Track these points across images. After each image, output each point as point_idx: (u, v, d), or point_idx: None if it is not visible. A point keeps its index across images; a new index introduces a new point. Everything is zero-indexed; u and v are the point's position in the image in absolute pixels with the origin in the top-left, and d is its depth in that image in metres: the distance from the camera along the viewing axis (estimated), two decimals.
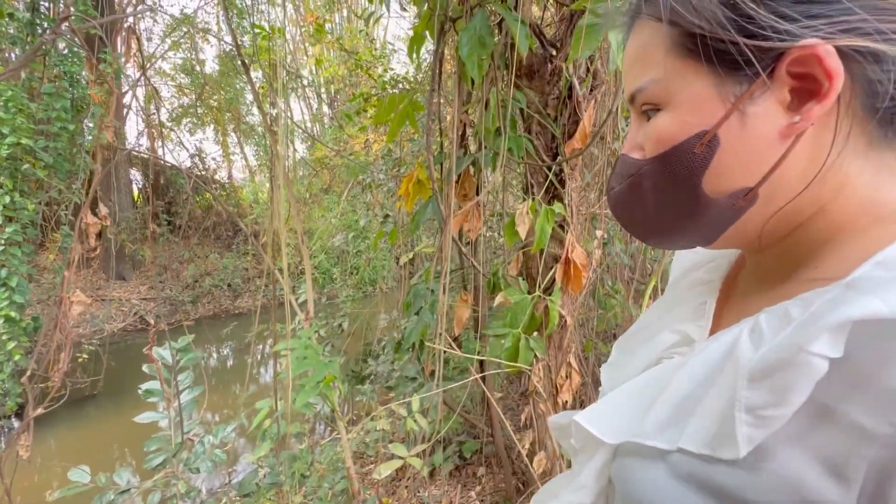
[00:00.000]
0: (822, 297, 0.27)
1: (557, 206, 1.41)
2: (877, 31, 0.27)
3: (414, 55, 1.56)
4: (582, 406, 2.38)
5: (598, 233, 1.80)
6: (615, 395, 0.40)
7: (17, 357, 3.68)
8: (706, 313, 0.40)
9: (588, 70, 1.58)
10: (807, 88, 0.29)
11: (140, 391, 1.78)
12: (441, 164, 1.69)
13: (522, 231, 1.38)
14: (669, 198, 0.35)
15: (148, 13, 7.91)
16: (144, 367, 1.80)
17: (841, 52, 0.27)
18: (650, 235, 0.39)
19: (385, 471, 1.28)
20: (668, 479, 0.31)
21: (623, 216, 0.40)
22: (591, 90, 1.58)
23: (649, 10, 0.34)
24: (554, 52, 1.59)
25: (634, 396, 0.38)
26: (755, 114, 0.30)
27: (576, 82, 1.55)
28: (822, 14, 0.28)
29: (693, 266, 0.49)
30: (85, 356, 4.86)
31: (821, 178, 0.30)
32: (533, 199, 1.46)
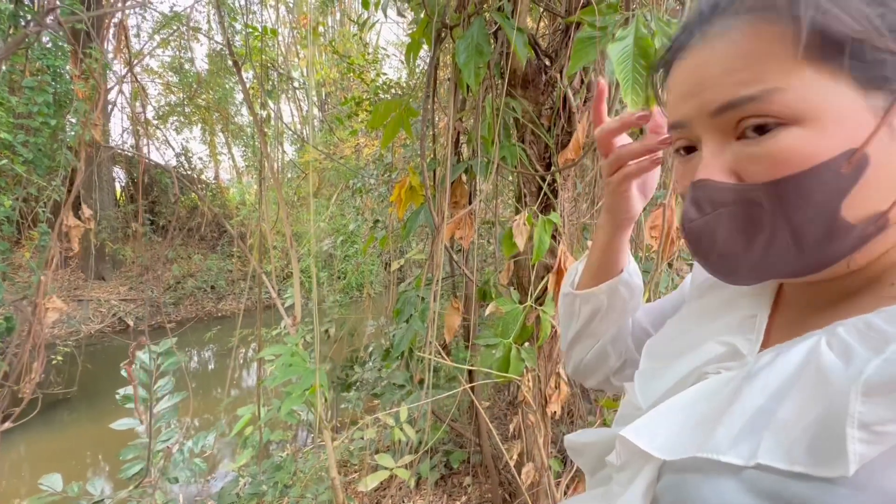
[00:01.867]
0: None
1: (554, 216, 1.41)
2: None
3: (409, 62, 1.56)
4: (570, 417, 2.38)
5: (590, 243, 1.81)
6: (662, 411, 0.36)
7: None
8: (757, 327, 0.37)
9: (582, 81, 1.59)
10: None
11: (118, 396, 1.72)
12: (434, 171, 1.68)
13: (520, 242, 1.37)
14: (794, 227, 0.30)
15: (137, 10, 7.80)
16: (123, 372, 1.74)
17: None
18: (746, 272, 0.34)
19: (371, 482, 1.25)
20: (742, 496, 0.28)
21: (709, 251, 0.35)
22: (585, 102, 1.59)
23: (754, 3, 0.30)
24: (548, 63, 1.60)
25: (687, 411, 0.35)
26: None
27: (570, 93, 1.56)
28: None
29: None
30: (60, 358, 4.72)
31: None
32: (528, 210, 1.46)
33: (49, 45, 5.39)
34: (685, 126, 0.35)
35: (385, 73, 4.57)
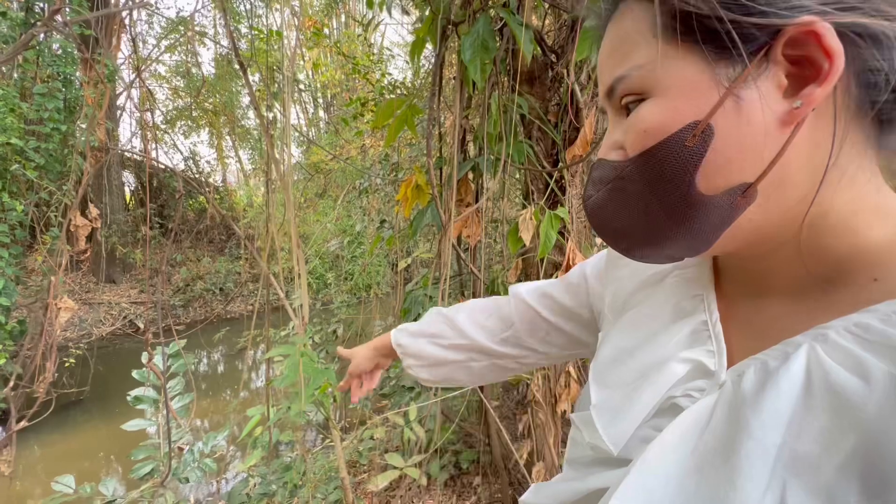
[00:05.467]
0: None
1: (561, 212, 1.40)
2: (878, 12, 0.25)
3: (413, 59, 1.55)
4: None
5: (598, 240, 1.79)
6: (651, 461, 0.31)
7: (1, 361, 3.60)
8: (714, 336, 0.35)
9: (589, 77, 1.58)
10: (803, 74, 0.27)
11: (129, 398, 1.73)
12: (440, 170, 1.68)
13: (526, 237, 1.36)
14: (658, 200, 0.31)
15: (144, 16, 7.89)
16: (134, 373, 1.75)
17: (840, 32, 0.26)
18: (636, 247, 0.35)
19: (382, 481, 1.24)
20: None
21: (604, 227, 0.36)
22: (593, 97, 1.58)
23: None
24: (555, 59, 1.59)
25: (680, 456, 0.30)
26: (751, 99, 0.27)
27: (577, 89, 1.54)
28: None
29: (654, 275, 0.44)
30: (72, 361, 4.77)
31: (829, 175, 0.28)
32: (535, 206, 1.44)
33: (59, 52, 5.46)
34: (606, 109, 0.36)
35: (390, 74, 4.58)
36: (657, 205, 0.31)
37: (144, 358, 1.69)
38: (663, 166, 0.30)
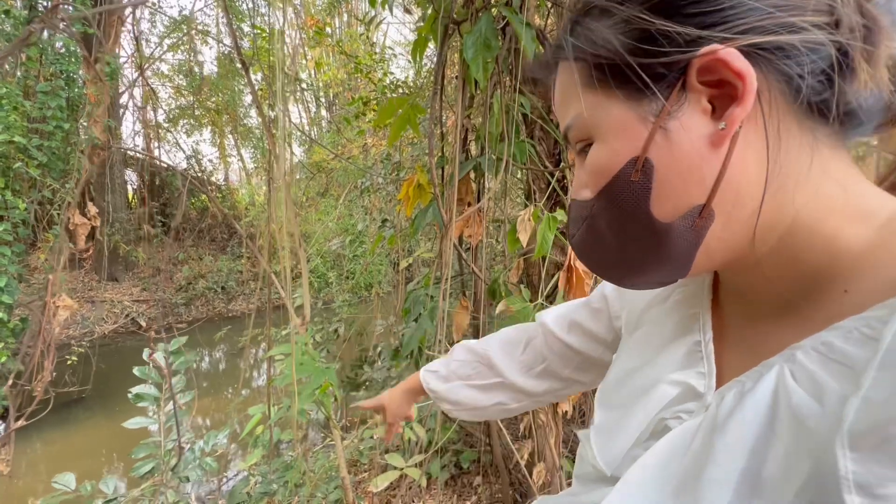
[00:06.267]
0: (885, 323, 0.23)
1: (560, 214, 1.39)
2: (781, 26, 0.27)
3: (416, 58, 1.55)
4: (582, 417, 2.35)
5: None
6: (632, 482, 0.33)
7: (3, 359, 3.61)
8: (706, 357, 0.35)
9: None
10: (725, 94, 0.28)
11: (130, 395, 1.73)
12: (442, 169, 1.67)
13: (524, 238, 1.36)
14: (625, 233, 0.33)
15: (146, 15, 7.90)
16: (135, 371, 1.75)
17: (747, 52, 0.27)
18: (624, 277, 0.36)
19: (382, 483, 1.24)
20: None
21: (591, 262, 0.38)
22: None
23: (561, 54, 0.35)
24: None
25: (659, 477, 0.31)
26: (678, 128, 0.29)
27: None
28: (717, 21, 0.28)
29: (660, 294, 0.44)
30: (74, 358, 4.79)
31: (779, 184, 0.29)
32: (535, 206, 1.44)
33: (62, 50, 5.47)
34: None
35: (392, 73, 4.57)
36: (626, 238, 0.33)
37: (146, 355, 1.69)
38: (619, 202, 0.32)
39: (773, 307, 0.32)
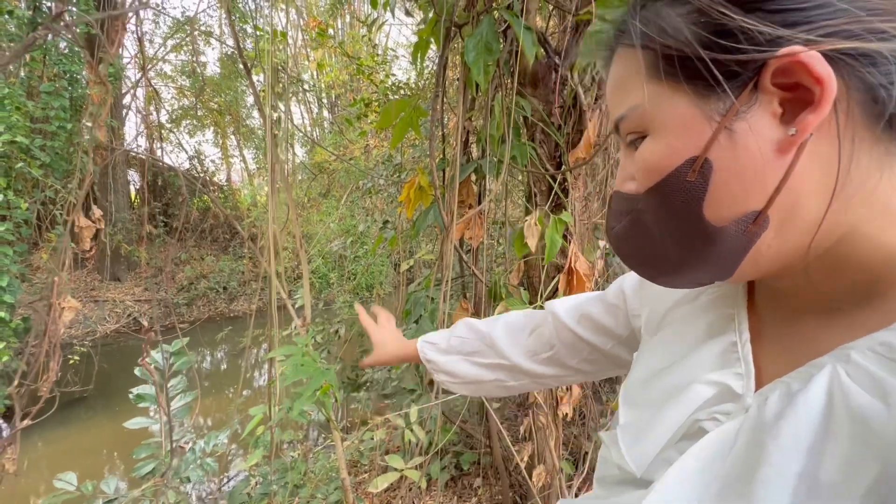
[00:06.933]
0: None
1: (565, 215, 1.39)
2: (871, 32, 0.25)
3: (417, 61, 1.55)
4: (582, 419, 2.35)
5: (601, 243, 1.79)
6: (670, 484, 0.31)
7: (5, 358, 3.62)
8: (742, 358, 0.34)
9: (593, 79, 1.58)
10: (799, 98, 0.27)
11: (131, 396, 1.74)
12: (443, 171, 1.68)
13: (532, 243, 1.36)
14: (673, 232, 0.32)
15: (150, 15, 7.93)
16: (136, 371, 1.76)
17: (830, 56, 0.26)
18: (661, 275, 0.36)
19: (382, 484, 1.24)
20: None
21: (629, 257, 0.37)
22: (596, 100, 1.57)
23: (624, 39, 0.33)
24: (558, 61, 1.58)
25: (700, 481, 0.30)
26: (745, 130, 0.28)
27: (580, 91, 1.54)
28: (801, 20, 0.26)
29: (690, 293, 0.44)
30: (76, 358, 4.80)
31: (844, 195, 0.28)
32: (539, 210, 1.44)
33: (66, 51, 5.50)
34: None
35: (394, 75, 4.58)
36: (673, 237, 0.32)
37: (141, 360, 1.70)
38: (670, 201, 0.31)
39: (816, 310, 0.32)
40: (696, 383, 0.35)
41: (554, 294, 1.50)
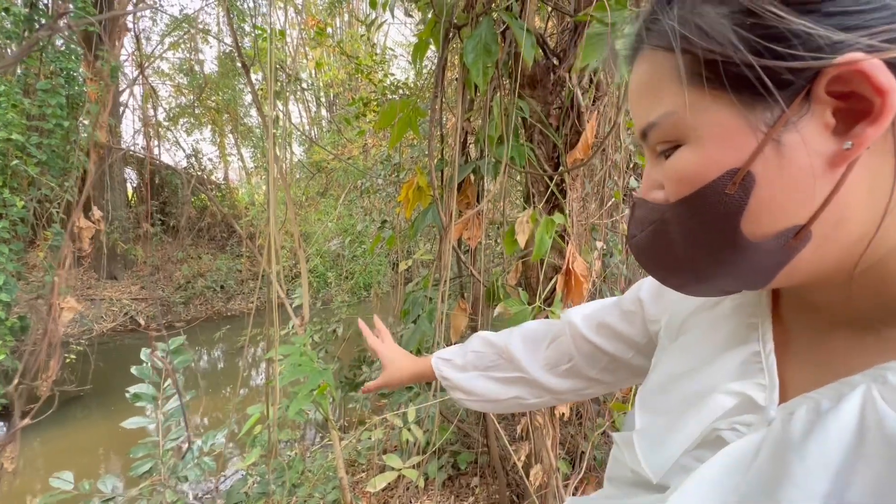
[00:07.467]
0: None
1: (558, 217, 1.40)
2: None
3: (416, 62, 1.56)
4: (579, 419, 2.36)
5: (599, 244, 1.79)
6: (690, 491, 0.31)
7: (1, 357, 3.61)
8: (766, 368, 0.33)
9: (591, 81, 1.58)
10: (853, 108, 0.25)
11: (128, 395, 1.74)
12: (442, 171, 1.68)
13: (521, 240, 1.36)
14: (704, 244, 0.30)
15: (147, 14, 7.89)
16: (133, 370, 1.75)
17: (892, 65, 0.24)
18: (686, 285, 0.34)
19: (380, 483, 1.25)
20: None
21: (650, 266, 0.35)
22: (594, 101, 1.58)
23: (653, 40, 0.30)
24: (557, 62, 1.59)
25: (719, 492, 0.30)
26: (794, 143, 0.26)
27: (578, 93, 1.54)
28: (861, 24, 0.24)
29: (710, 299, 0.42)
30: (72, 356, 4.79)
31: (894, 210, 0.26)
32: (534, 209, 1.45)
33: (63, 49, 5.47)
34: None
35: (393, 74, 4.58)
36: (704, 249, 0.30)
37: (145, 354, 1.69)
38: (705, 214, 0.29)
39: (849, 326, 0.30)
40: (716, 392, 0.34)
41: (552, 294, 1.51)
